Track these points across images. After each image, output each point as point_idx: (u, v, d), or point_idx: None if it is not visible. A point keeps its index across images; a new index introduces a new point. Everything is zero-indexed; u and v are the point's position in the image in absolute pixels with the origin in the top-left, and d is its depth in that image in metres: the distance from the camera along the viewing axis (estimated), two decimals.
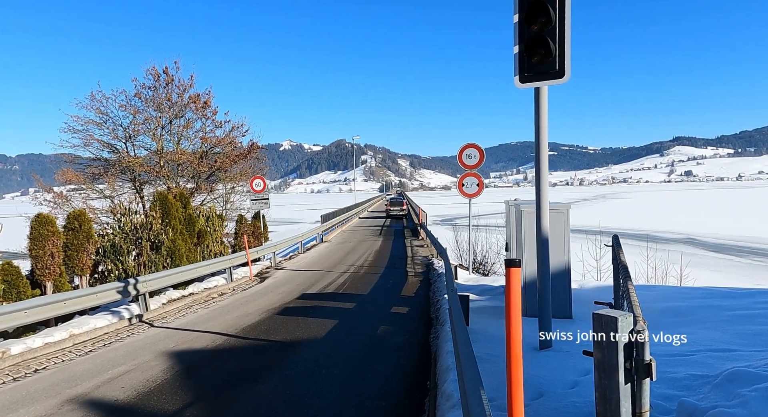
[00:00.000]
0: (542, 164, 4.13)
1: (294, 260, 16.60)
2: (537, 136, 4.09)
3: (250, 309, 8.84)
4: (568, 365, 3.41)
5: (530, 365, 3.58)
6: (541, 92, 4.03)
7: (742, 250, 29.10)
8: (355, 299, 9.34)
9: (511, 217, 7.03)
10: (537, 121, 4.06)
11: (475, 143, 10.95)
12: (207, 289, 10.98)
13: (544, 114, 4.02)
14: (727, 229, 37.19)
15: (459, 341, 3.26)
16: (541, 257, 4.22)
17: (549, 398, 2.96)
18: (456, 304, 4.55)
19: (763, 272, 22.98)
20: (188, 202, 11.85)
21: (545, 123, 4.03)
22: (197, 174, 18.09)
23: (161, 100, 16.97)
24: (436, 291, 9.13)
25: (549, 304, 4.18)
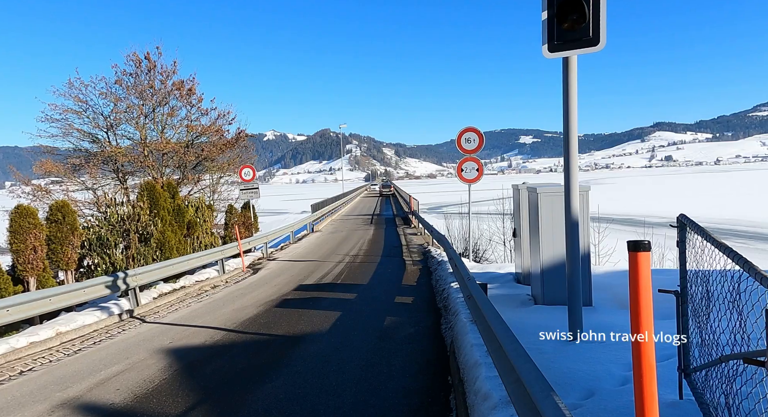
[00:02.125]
0: (571, 142, 3.84)
1: (286, 251, 16.21)
2: (566, 111, 3.80)
3: (246, 302, 8.48)
4: (610, 357, 3.17)
5: (568, 358, 3.34)
6: (570, 63, 3.72)
7: (725, 232, 29.56)
8: (355, 289, 9.04)
9: (522, 202, 6.77)
10: (566, 94, 3.77)
11: (474, 127, 10.65)
12: (199, 282, 10.57)
13: (573, 86, 3.72)
14: (708, 213, 37.77)
15: (499, 335, 2.98)
16: (570, 241, 3.95)
17: (602, 397, 2.71)
18: (480, 295, 4.27)
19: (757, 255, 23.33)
20: (176, 192, 11.37)
21: (575, 96, 3.73)
22: (183, 164, 17.50)
23: (143, 87, 16.28)
24: (439, 280, 8.88)
25: (579, 291, 3.93)
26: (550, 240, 5.40)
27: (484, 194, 28.77)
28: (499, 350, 2.96)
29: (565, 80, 3.76)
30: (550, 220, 5.38)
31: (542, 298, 5.49)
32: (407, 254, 13.79)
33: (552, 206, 5.36)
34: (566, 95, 3.77)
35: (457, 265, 6.51)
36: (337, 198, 35.58)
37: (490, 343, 3.37)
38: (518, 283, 7.38)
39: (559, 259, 5.33)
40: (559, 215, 5.32)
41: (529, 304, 5.75)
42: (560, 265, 5.32)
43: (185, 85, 16.95)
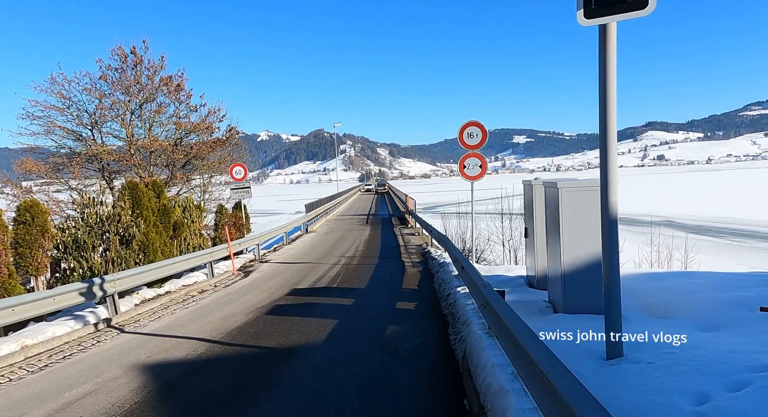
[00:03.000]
0: (609, 126, 3.27)
1: (279, 252, 15.58)
2: (603, 89, 3.22)
3: (236, 308, 7.86)
4: (669, 384, 2.61)
5: (613, 384, 2.76)
6: (608, 31, 3.16)
7: (720, 231, 29.27)
8: (353, 294, 8.45)
9: (537, 199, 6.22)
10: (603, 69, 3.20)
11: (476, 121, 10.08)
12: (186, 287, 9.93)
13: (611, 60, 3.16)
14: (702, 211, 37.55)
15: (538, 359, 2.40)
16: (608, 241, 3.38)
17: None
18: (502, 304, 3.69)
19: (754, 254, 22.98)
20: (162, 191, 10.71)
21: (613, 71, 3.17)
22: (172, 162, 16.83)
23: (129, 83, 15.59)
24: (442, 283, 8.30)
25: (619, 301, 3.35)
26: (573, 240, 4.84)
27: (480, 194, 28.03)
28: (536, 376, 2.40)
29: (602, 52, 3.19)
30: (572, 218, 4.82)
31: (563, 305, 4.92)
32: (406, 255, 13.21)
33: (575, 203, 4.80)
34: (603, 70, 3.21)
35: (465, 268, 5.94)
36: (332, 198, 34.95)
37: (520, 364, 2.81)
38: (531, 287, 6.83)
39: (583, 262, 4.78)
40: (583, 213, 4.78)
41: (547, 312, 5.18)
42: (585, 268, 4.78)
43: (173, 81, 16.28)
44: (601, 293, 4.80)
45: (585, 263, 4.78)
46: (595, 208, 4.77)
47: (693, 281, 5.74)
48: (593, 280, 4.75)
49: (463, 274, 6.53)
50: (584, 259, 4.79)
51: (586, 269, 4.78)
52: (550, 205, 5.25)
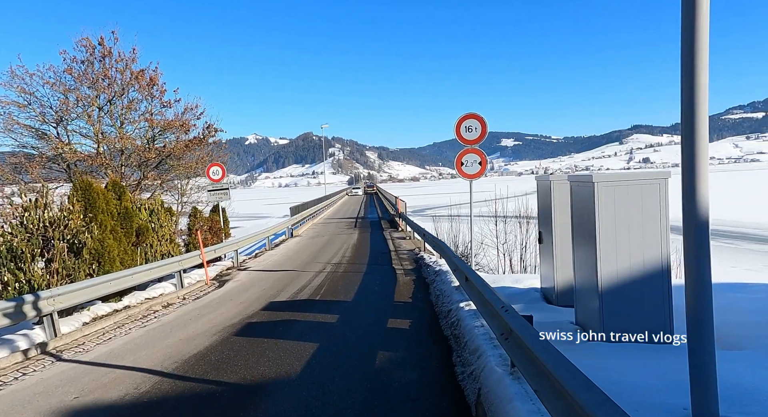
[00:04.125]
0: (699, 93, 2.26)
1: (260, 259, 14.44)
2: (689, 41, 2.23)
3: (201, 327, 6.74)
4: None
5: None
6: None
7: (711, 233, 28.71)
8: (338, 308, 7.38)
9: (556, 198, 5.25)
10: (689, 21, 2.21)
11: (475, 113, 9.11)
12: (149, 300, 8.77)
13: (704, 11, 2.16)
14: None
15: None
16: (695, 251, 2.39)
17: None
18: (537, 340, 2.67)
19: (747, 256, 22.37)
20: (124, 192, 9.54)
21: (705, 22, 2.17)
22: (144, 162, 15.60)
23: (97, 76, 14.36)
24: (440, 295, 7.26)
25: (712, 335, 2.33)
26: (613, 247, 3.84)
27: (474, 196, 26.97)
28: None
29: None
30: (613, 220, 3.84)
31: (600, 327, 3.90)
32: (397, 262, 12.18)
33: (617, 201, 3.82)
34: (690, 23, 2.21)
35: (471, 280, 4.92)
36: (319, 201, 33.81)
37: None
38: (549, 303, 5.82)
39: (628, 275, 3.79)
40: (628, 213, 3.80)
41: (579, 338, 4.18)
42: (631, 282, 3.80)
43: (145, 75, 15.07)
44: (651, 314, 3.84)
45: (630, 276, 3.80)
46: (645, 208, 3.81)
47: (753, 297, 4.80)
48: (641, 297, 3.78)
49: (468, 287, 5.52)
50: (629, 271, 3.81)
51: (631, 284, 3.80)
52: (579, 205, 4.25)
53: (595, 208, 3.87)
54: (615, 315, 3.81)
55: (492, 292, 4.08)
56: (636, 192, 3.80)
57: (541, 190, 6.00)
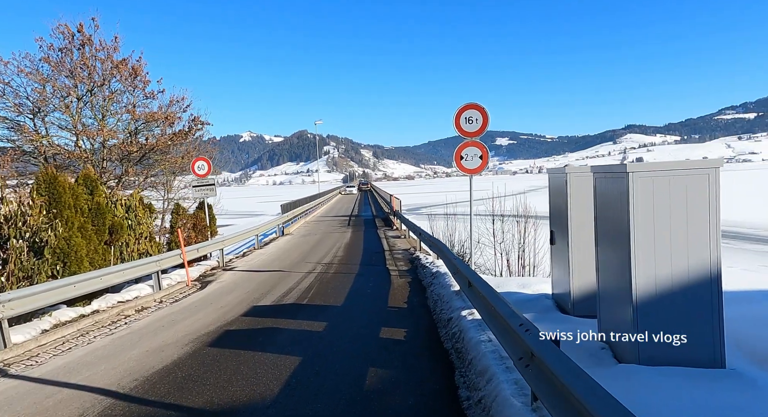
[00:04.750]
0: None
1: (248, 258, 13.74)
2: None
3: (173, 335, 6.06)
4: None
5: None
6: None
7: None
8: (326, 315, 6.71)
9: (574, 193, 4.60)
10: None
11: (476, 103, 8.46)
12: (122, 304, 8.05)
13: None
14: None
15: None
16: None
17: None
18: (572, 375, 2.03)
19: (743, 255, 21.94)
20: (96, 186, 8.82)
21: None
22: (126, 156, 14.84)
23: (75, 64, 13.58)
24: (438, 301, 6.62)
25: None
26: (651, 250, 3.17)
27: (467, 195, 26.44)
28: None
29: None
30: (650, 218, 3.19)
31: (635, 351, 3.22)
32: (391, 262, 11.53)
33: (654, 196, 3.15)
34: None
35: (475, 285, 4.28)
36: (312, 198, 33.09)
37: None
38: (563, 311, 5.16)
39: (671, 283, 3.14)
40: (668, 210, 3.16)
41: (604, 357, 3.50)
42: (674, 292, 3.14)
43: (127, 64, 14.30)
44: (695, 330, 3.21)
45: (673, 285, 3.16)
46: (690, 203, 3.17)
47: None
48: (689, 310, 3.14)
49: (471, 294, 4.88)
50: (672, 278, 3.17)
51: (676, 294, 3.16)
52: (607, 200, 3.59)
53: (630, 203, 3.20)
54: (653, 330, 3.16)
55: (503, 302, 3.45)
56: (680, 184, 3.16)
57: (553, 184, 5.34)
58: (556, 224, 5.26)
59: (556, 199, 5.19)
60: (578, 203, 4.69)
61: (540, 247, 14.98)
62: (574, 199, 4.74)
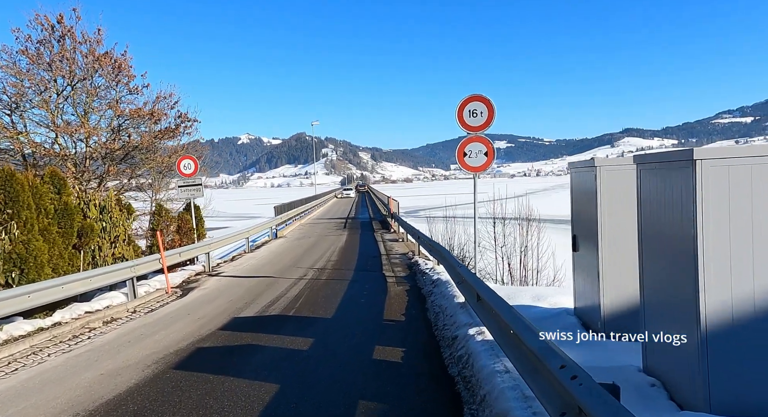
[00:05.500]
0: None
1: (237, 262, 12.97)
2: None
3: (137, 353, 5.29)
4: None
5: None
6: None
7: None
8: (313, 328, 5.95)
9: (605, 189, 3.85)
10: None
11: (481, 95, 7.72)
12: (89, 314, 7.27)
13: None
14: None
15: None
16: None
17: None
18: None
19: None
20: (64, 185, 8.05)
21: None
22: (109, 154, 14.07)
23: (53, 57, 12.82)
24: (440, 314, 5.86)
25: None
26: (725, 261, 2.37)
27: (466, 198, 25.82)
28: None
29: None
30: (725, 218, 2.41)
31: (704, 394, 2.43)
32: (388, 267, 10.77)
33: (730, 190, 2.37)
34: None
35: (485, 299, 3.53)
36: (308, 200, 32.32)
37: None
38: (589, 329, 4.34)
39: (748, 305, 2.38)
40: (751, 207, 2.41)
41: (662, 403, 2.69)
42: (754, 319, 2.40)
43: (109, 57, 13.54)
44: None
45: (757, 309, 2.41)
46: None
47: None
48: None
49: (480, 309, 4.13)
50: (755, 299, 2.41)
51: (760, 321, 2.41)
52: (655, 197, 2.80)
53: (697, 199, 2.44)
54: (727, 368, 2.40)
55: (527, 326, 2.69)
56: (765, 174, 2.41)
57: (578, 181, 4.56)
58: (580, 228, 4.49)
59: (581, 198, 4.42)
60: (611, 203, 3.93)
61: (543, 251, 14.24)
62: (605, 197, 3.97)
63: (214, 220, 36.57)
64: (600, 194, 4.00)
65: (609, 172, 4.00)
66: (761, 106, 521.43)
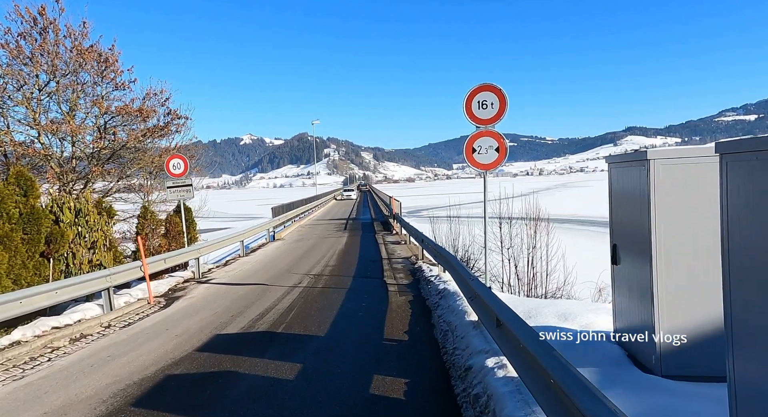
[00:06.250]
0: None
1: (229, 267, 12.22)
2: None
3: (94, 383, 4.52)
4: None
5: None
6: None
7: None
8: (303, 351, 5.17)
9: (660, 188, 3.02)
10: None
11: (492, 84, 6.93)
12: (56, 330, 6.51)
13: None
14: None
15: None
16: None
17: None
18: None
19: None
20: (32, 186, 7.29)
21: None
22: (96, 154, 13.34)
23: (33, 50, 12.09)
24: (449, 333, 5.07)
25: None
26: None
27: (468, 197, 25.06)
28: None
29: None
30: None
31: None
32: (389, 273, 9.98)
33: None
34: None
35: (520, 338, 2.75)
36: (307, 201, 31.56)
37: None
38: (639, 365, 3.44)
39: None
40: None
41: None
42: None
43: (95, 50, 12.80)
44: None
45: None
46: None
47: None
48: None
49: (500, 335, 3.35)
50: None
51: None
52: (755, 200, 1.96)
53: None
54: None
55: (578, 380, 1.92)
56: None
57: (621, 179, 3.70)
58: (622, 236, 3.65)
59: (624, 199, 3.57)
60: (672, 205, 3.09)
61: (554, 254, 13.43)
62: (662, 199, 3.13)
63: (215, 222, 35.92)
64: (653, 194, 3.16)
65: (668, 166, 3.15)
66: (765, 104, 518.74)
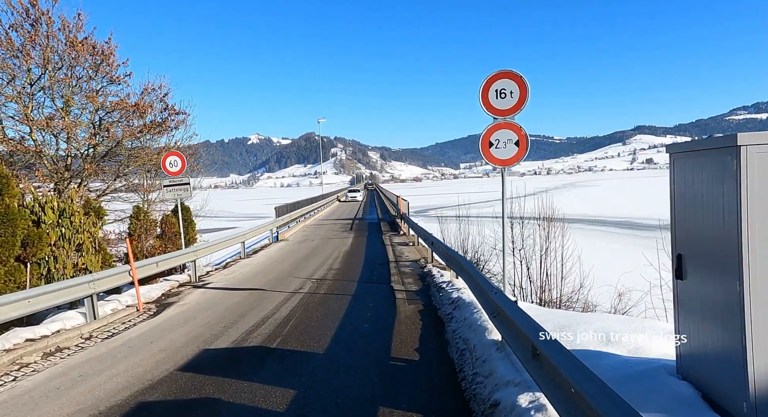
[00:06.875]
0: None
1: (228, 270, 11.60)
2: None
3: (55, 412, 3.89)
4: None
5: None
6: None
7: None
8: (299, 374, 4.50)
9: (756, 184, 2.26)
10: None
11: (512, 70, 6.23)
12: (30, 342, 5.92)
13: None
14: None
15: None
16: None
17: None
18: None
19: None
20: (7, 185, 6.69)
21: None
22: (89, 151, 12.81)
23: (24, 42, 11.55)
24: (466, 350, 4.38)
25: None
26: None
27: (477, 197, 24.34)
28: None
29: None
30: None
31: None
32: (397, 278, 9.29)
33: None
34: None
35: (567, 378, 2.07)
36: (313, 200, 30.95)
37: None
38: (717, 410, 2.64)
39: None
40: None
41: None
42: None
43: (89, 42, 12.24)
44: None
45: None
46: None
47: None
48: None
49: (537, 369, 2.68)
50: None
51: None
52: None
53: None
54: None
55: None
56: None
57: (687, 172, 2.83)
58: (689, 244, 2.84)
59: (698, 199, 2.72)
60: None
61: (569, 256, 12.68)
62: (760, 197, 2.37)
63: (222, 221, 35.50)
64: (746, 192, 2.37)
65: (766, 154, 2.37)
66: None
